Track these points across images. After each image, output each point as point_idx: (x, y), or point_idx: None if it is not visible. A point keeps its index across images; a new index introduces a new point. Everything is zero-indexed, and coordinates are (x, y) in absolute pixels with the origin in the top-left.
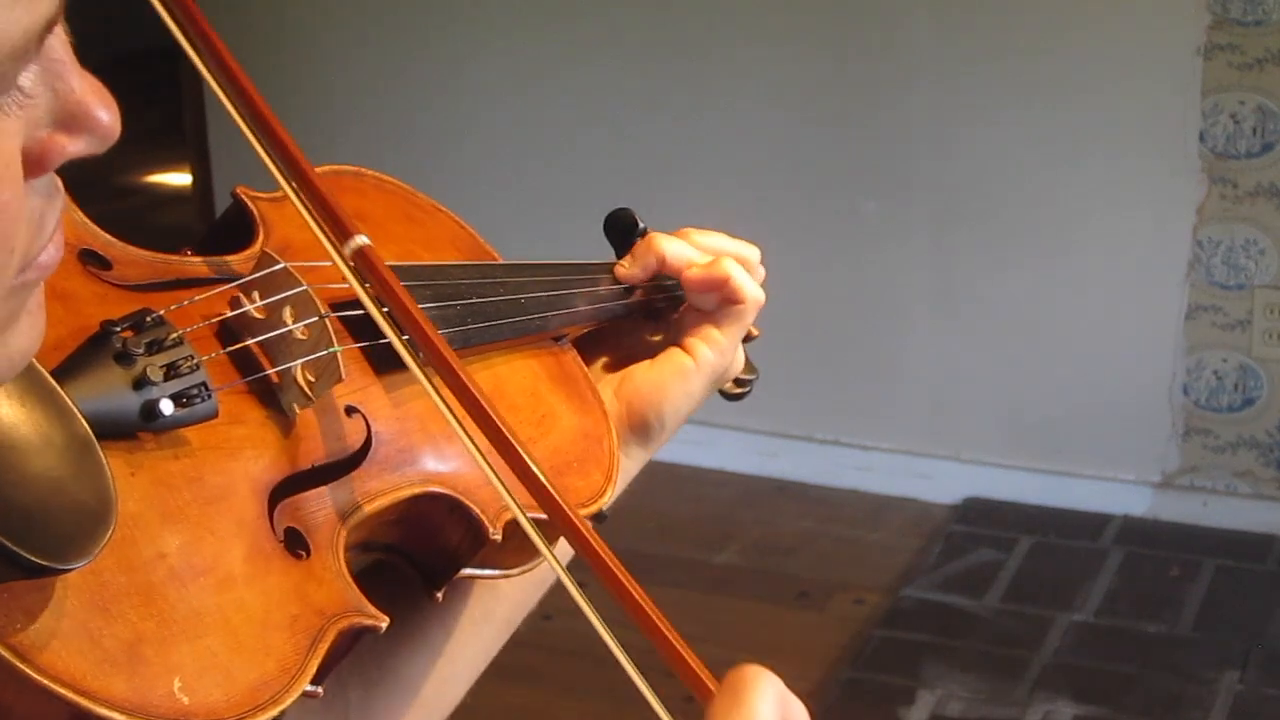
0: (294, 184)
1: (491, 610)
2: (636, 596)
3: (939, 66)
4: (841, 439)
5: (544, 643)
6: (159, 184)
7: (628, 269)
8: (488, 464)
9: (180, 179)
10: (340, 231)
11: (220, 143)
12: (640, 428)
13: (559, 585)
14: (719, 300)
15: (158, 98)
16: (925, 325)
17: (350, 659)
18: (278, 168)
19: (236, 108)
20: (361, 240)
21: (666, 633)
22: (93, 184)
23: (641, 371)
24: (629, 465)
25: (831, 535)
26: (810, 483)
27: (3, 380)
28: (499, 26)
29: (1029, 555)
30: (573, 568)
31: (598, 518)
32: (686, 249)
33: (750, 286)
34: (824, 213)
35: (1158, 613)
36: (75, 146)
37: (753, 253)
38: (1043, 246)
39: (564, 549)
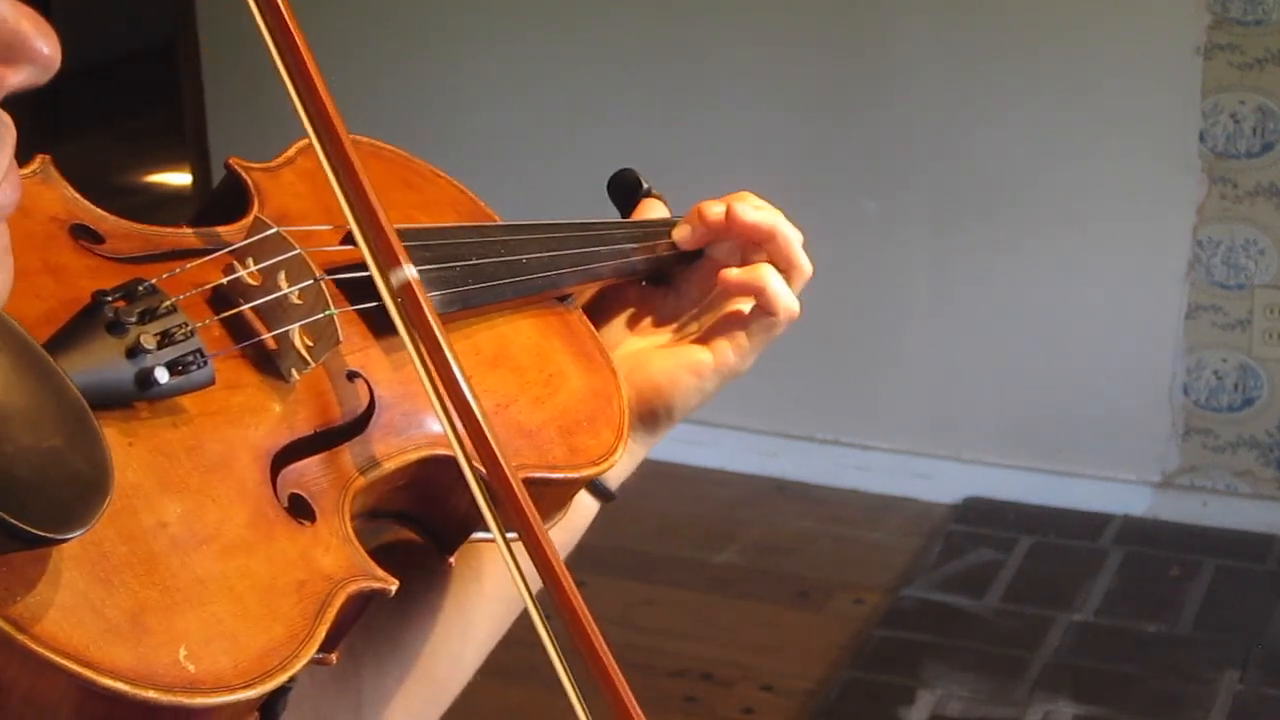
0: (321, 137)
1: (501, 585)
2: (564, 581)
3: (939, 66)
4: (841, 439)
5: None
6: (159, 184)
7: (715, 215)
8: (452, 428)
9: (180, 179)
10: (359, 194)
11: (220, 143)
12: (648, 416)
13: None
14: (754, 307)
15: (158, 98)
16: (925, 325)
17: (362, 639)
18: (312, 122)
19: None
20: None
21: (594, 639)
22: (93, 183)
23: (658, 361)
24: (634, 450)
25: (831, 535)
26: (810, 483)
27: None
28: (498, 27)
29: (1029, 555)
30: (575, 564)
31: (607, 497)
32: (769, 219)
33: (786, 299)
34: (824, 212)
35: (1158, 613)
36: (16, 78)
37: (796, 236)
38: (1043, 246)
39: (572, 525)
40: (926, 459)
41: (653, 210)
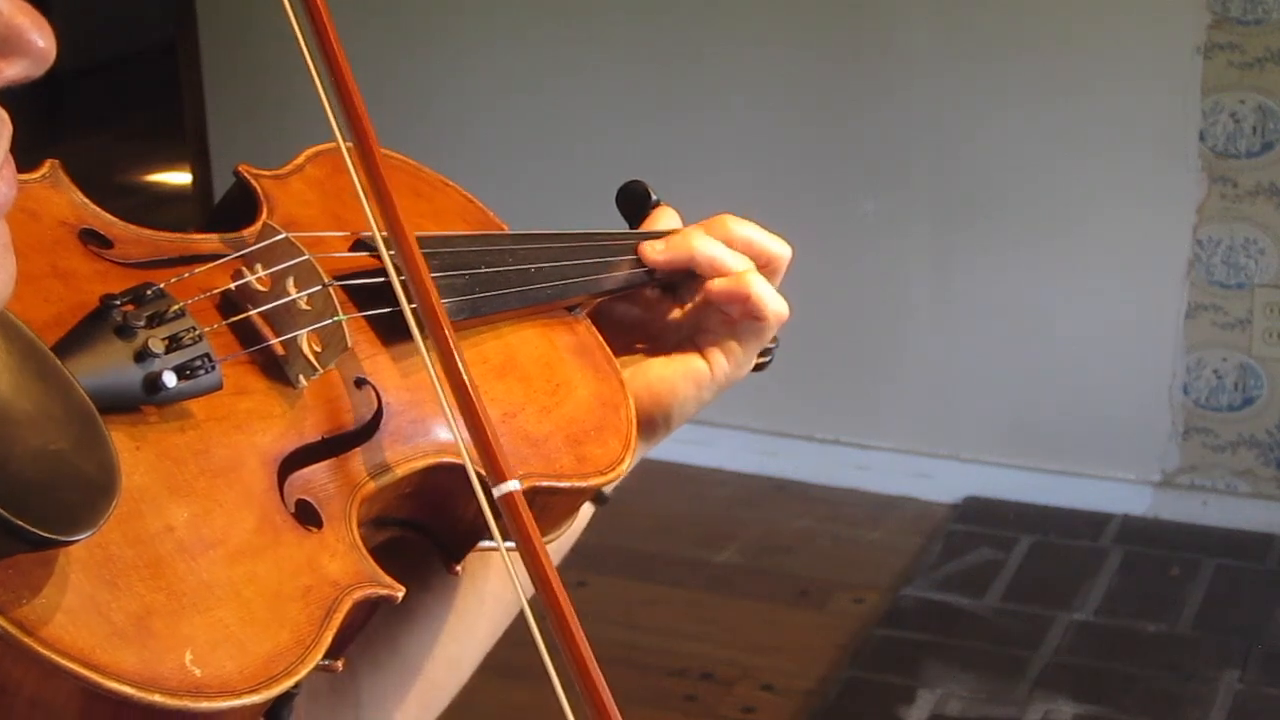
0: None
1: (499, 592)
2: (557, 591)
3: (939, 66)
4: (841, 438)
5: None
6: (159, 182)
7: (656, 254)
8: (462, 437)
9: (180, 177)
10: (384, 200)
11: (220, 142)
12: (646, 425)
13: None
14: (741, 313)
15: (158, 97)
16: (925, 325)
17: (358, 645)
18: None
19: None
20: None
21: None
22: (93, 183)
23: (656, 369)
24: None
25: (831, 535)
26: (810, 482)
27: None
28: (502, 25)
29: (1029, 555)
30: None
31: (599, 499)
32: (721, 254)
33: (773, 302)
34: (824, 212)
35: (1158, 612)
36: (11, 70)
37: (783, 251)
38: (1043, 245)
39: (564, 539)
40: (926, 459)
41: (665, 220)
